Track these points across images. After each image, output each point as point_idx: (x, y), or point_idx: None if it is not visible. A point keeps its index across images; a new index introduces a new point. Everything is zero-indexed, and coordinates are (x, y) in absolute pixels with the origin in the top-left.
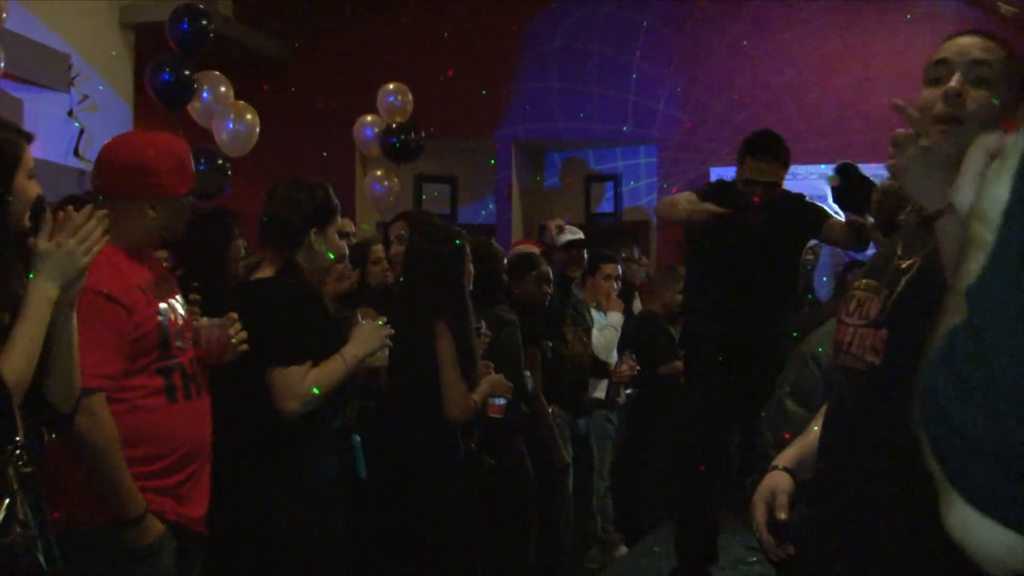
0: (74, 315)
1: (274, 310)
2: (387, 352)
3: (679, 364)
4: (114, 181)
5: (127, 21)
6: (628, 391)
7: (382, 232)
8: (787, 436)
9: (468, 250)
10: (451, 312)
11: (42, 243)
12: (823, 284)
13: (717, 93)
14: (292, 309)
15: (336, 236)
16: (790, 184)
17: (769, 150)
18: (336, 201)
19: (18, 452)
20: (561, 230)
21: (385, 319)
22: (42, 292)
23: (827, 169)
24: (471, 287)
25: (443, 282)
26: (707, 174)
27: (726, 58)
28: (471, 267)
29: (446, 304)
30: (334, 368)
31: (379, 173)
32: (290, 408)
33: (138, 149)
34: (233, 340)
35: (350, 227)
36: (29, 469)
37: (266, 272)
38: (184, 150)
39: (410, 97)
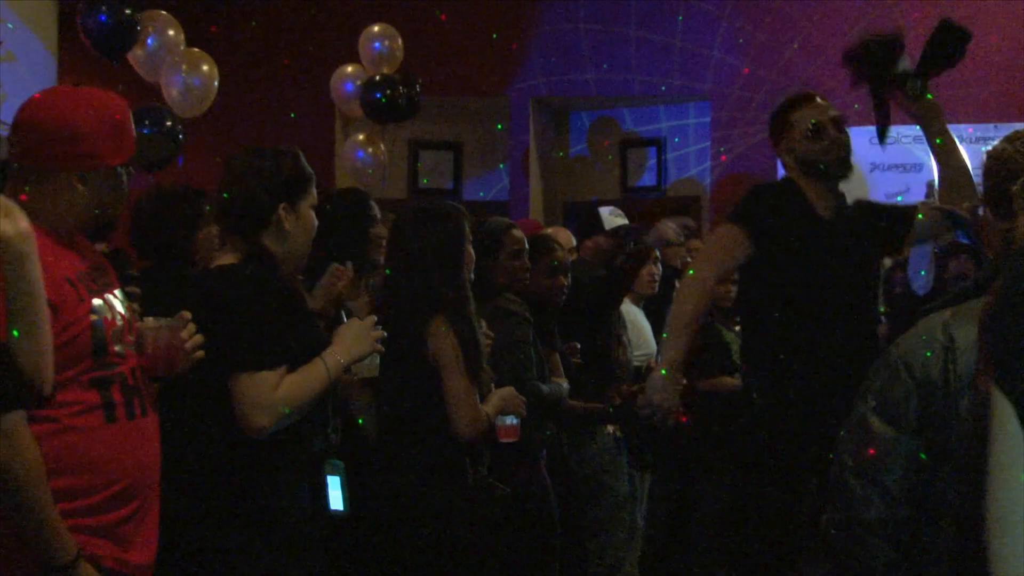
0: (26, 270)
1: (238, 304)
2: (378, 359)
3: (729, 381)
4: (35, 148)
5: None
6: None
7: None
8: (871, 452)
9: (467, 229)
10: (452, 306)
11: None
12: (920, 277)
13: (785, 37)
14: (260, 302)
15: (311, 212)
16: (881, 150)
17: (808, 94)
18: (309, 170)
19: None
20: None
21: (376, 318)
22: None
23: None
24: (471, 275)
25: (439, 270)
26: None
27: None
28: (471, 250)
29: (445, 296)
30: (314, 375)
31: (361, 138)
32: (259, 423)
33: (64, 109)
34: (186, 345)
35: None
36: None
37: (228, 259)
38: (122, 109)
39: (400, 42)
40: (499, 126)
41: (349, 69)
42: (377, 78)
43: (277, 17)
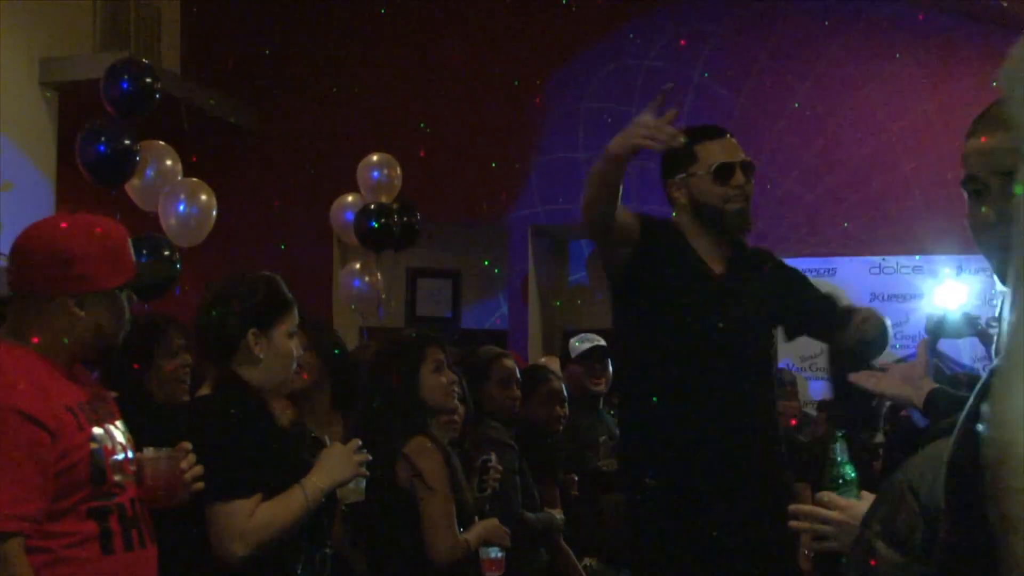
0: None
1: (208, 434)
2: (364, 484)
3: None
4: (30, 275)
5: (49, 79)
6: None
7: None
8: None
9: (433, 353)
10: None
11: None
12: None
13: (783, 167)
14: (229, 431)
15: (287, 339)
16: (882, 280)
17: (720, 129)
18: (286, 295)
19: None
20: None
21: (360, 442)
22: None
23: (923, 261)
24: (454, 401)
25: (400, 401)
26: None
27: (794, 124)
28: (438, 378)
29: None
30: (292, 502)
31: (358, 266)
32: (234, 552)
33: (57, 234)
34: (185, 476)
35: None
36: None
37: (205, 390)
38: (118, 234)
39: (398, 171)
40: (486, 262)
41: (349, 198)
42: (372, 206)
43: (276, 147)
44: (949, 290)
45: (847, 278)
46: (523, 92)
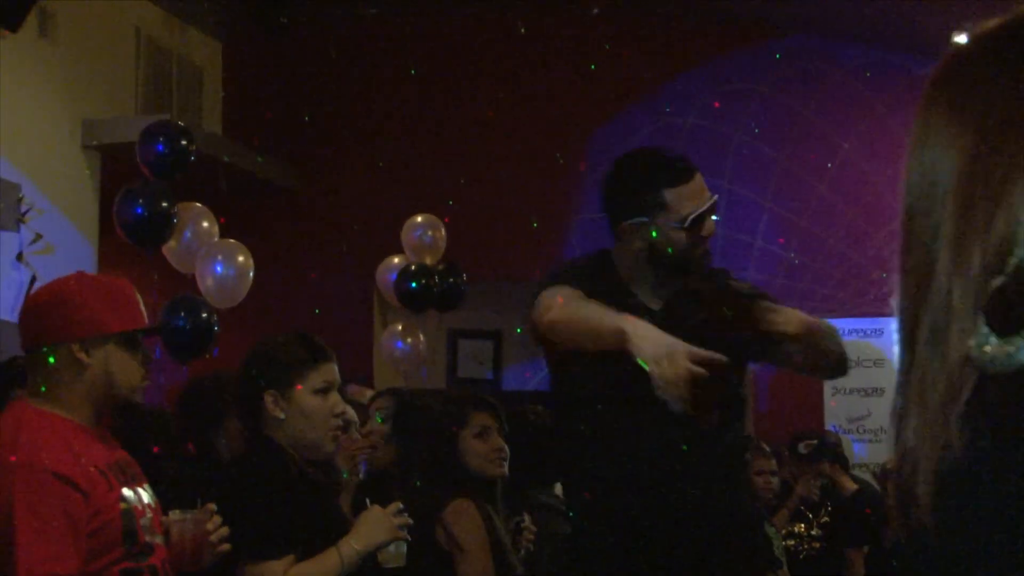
0: None
1: (238, 495)
2: (405, 548)
3: None
4: (36, 328)
5: (91, 141)
6: None
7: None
8: None
9: (478, 419)
10: (478, 487)
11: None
12: None
13: (828, 226)
14: (260, 492)
15: (312, 396)
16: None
17: (682, 161)
18: (310, 352)
19: None
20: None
21: (401, 505)
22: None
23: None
24: (497, 468)
25: (434, 453)
26: None
27: (839, 182)
28: (492, 444)
29: (467, 479)
30: (326, 564)
31: (400, 328)
32: None
33: (57, 284)
34: (211, 537)
35: (361, 396)
36: None
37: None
38: (121, 283)
39: (442, 231)
40: (518, 330)
41: (396, 260)
42: (412, 267)
43: (316, 208)
44: None
45: (894, 339)
46: (565, 152)
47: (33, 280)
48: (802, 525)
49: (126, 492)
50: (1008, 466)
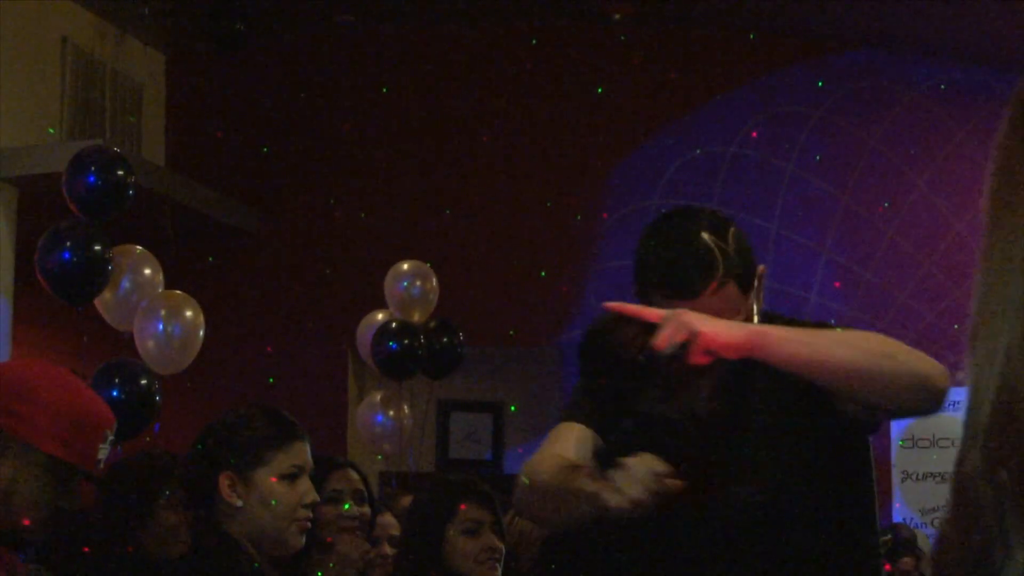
0: None
1: None
2: None
3: None
4: None
5: (10, 173)
6: None
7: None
8: None
9: (467, 512)
10: None
11: None
12: None
13: (899, 278)
14: None
15: (278, 482)
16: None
17: (679, 272)
18: (280, 431)
19: None
20: None
21: None
22: None
23: None
24: (489, 572)
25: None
26: None
27: (911, 225)
28: (484, 543)
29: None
30: None
31: (379, 398)
32: None
33: (19, 364)
34: None
35: (345, 483)
36: None
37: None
38: (100, 414)
39: (434, 283)
40: (512, 408)
41: (379, 316)
42: (395, 325)
43: (279, 254)
44: None
45: None
46: (579, 190)
47: None
48: None
49: None
50: None
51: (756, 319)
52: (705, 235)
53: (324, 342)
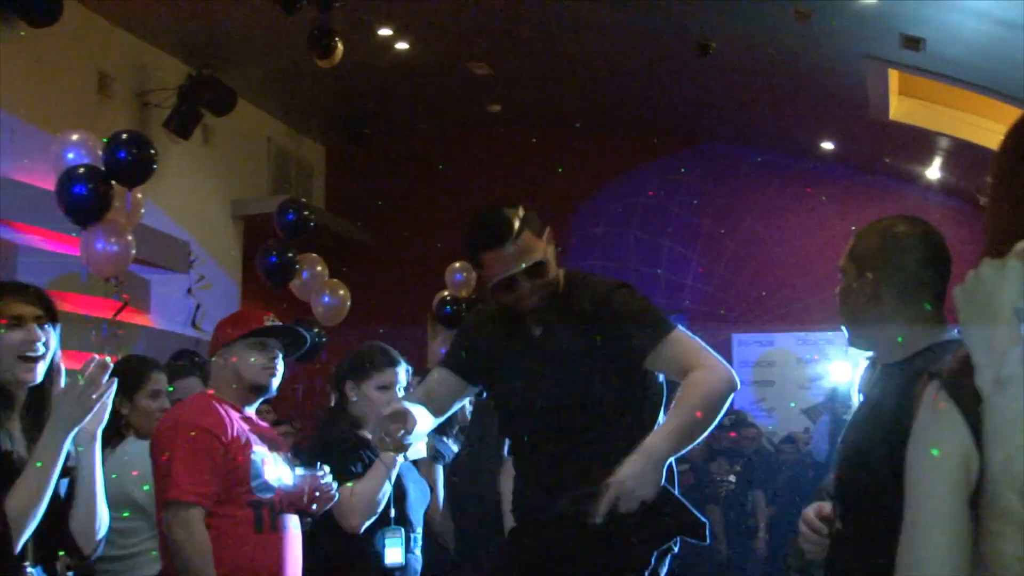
0: (93, 455)
1: (324, 450)
2: (426, 440)
3: None
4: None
5: (238, 213)
6: None
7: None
8: None
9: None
10: None
11: (55, 391)
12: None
13: (736, 269)
14: (333, 447)
15: (373, 391)
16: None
17: (494, 230)
18: (379, 358)
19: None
20: None
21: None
22: (52, 433)
23: (833, 336)
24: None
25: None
26: (729, 340)
27: (744, 241)
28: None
29: None
30: (377, 474)
31: (442, 339)
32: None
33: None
34: (324, 489)
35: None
36: None
37: None
38: (243, 308)
39: (474, 275)
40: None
41: (445, 294)
42: (448, 296)
43: (388, 256)
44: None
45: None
46: (556, 221)
47: (198, 307)
48: None
49: (256, 448)
50: None
51: (554, 264)
52: (504, 209)
53: (414, 308)
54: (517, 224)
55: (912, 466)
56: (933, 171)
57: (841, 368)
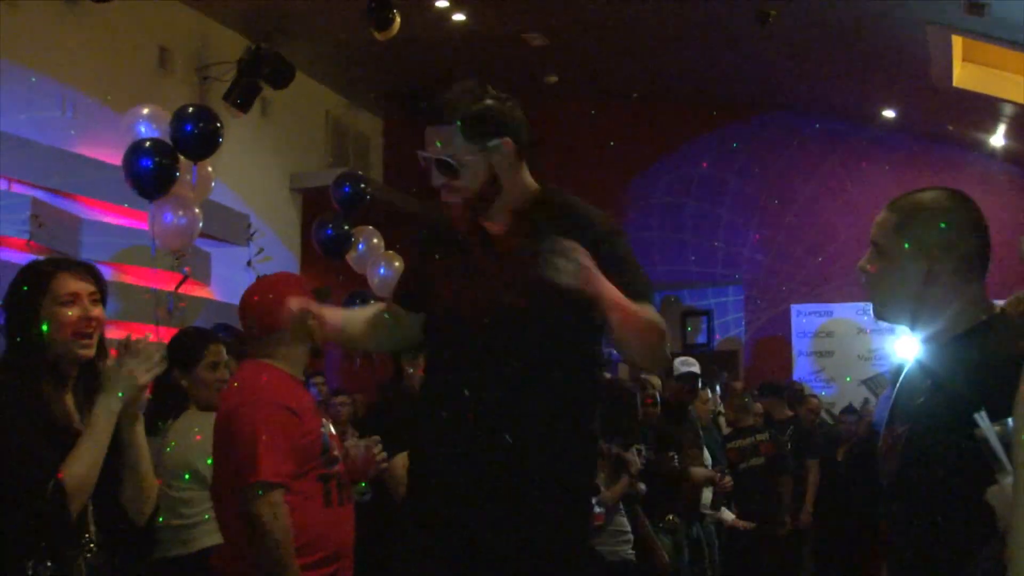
0: (139, 428)
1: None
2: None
3: None
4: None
5: (296, 187)
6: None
7: None
8: None
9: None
10: None
11: (107, 364)
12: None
13: (794, 239)
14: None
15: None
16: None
17: (442, 107)
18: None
19: (89, 545)
20: None
21: None
22: (106, 406)
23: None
24: None
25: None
26: (788, 311)
27: (802, 211)
28: None
29: None
30: None
31: None
32: None
33: (253, 291)
34: (376, 457)
35: None
36: (99, 560)
37: None
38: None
39: None
40: None
41: None
42: None
43: None
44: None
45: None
46: (614, 191)
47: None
48: None
49: (324, 421)
50: None
51: (500, 177)
52: (473, 99)
53: None
54: (468, 120)
55: (1020, 427)
56: (997, 138)
57: (906, 341)
